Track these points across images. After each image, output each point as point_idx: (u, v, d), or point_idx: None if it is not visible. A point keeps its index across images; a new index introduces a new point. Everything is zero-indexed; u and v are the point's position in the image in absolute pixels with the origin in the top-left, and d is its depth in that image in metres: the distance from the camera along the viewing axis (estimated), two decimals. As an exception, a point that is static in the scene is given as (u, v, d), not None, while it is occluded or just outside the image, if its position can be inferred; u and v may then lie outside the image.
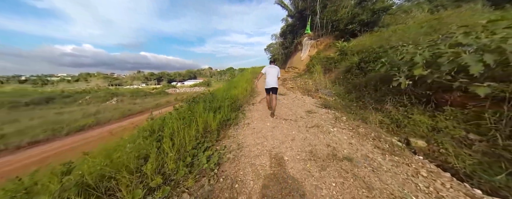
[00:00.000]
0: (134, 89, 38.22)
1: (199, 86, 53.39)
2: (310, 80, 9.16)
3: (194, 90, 46.62)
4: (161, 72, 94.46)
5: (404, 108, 3.11)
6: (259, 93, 6.55)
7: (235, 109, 4.06)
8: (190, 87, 54.27)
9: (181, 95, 35.87)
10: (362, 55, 5.12)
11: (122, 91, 32.18)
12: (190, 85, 59.67)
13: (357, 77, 5.17)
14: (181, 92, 42.98)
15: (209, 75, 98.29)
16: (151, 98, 30.15)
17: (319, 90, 6.44)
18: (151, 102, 24.96)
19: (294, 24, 21.53)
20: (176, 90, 47.04)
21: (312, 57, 11.62)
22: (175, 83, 75.50)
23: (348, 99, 4.71)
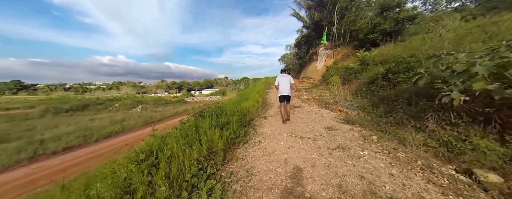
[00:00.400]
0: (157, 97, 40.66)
1: (215, 95, 55.08)
2: (327, 91, 8.50)
3: (211, 98, 48.04)
4: (181, 81, 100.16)
5: (453, 128, 2.43)
6: (272, 105, 6.13)
7: (245, 124, 3.69)
8: (207, 96, 56.16)
9: (198, 103, 37.03)
10: (389, 65, 4.48)
11: (146, 99, 34.30)
12: (207, 94, 61.84)
13: (384, 89, 4.49)
14: (198, 101, 44.47)
15: (225, 84, 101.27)
16: (171, 106, 31.52)
17: (338, 103, 5.80)
18: (171, 110, 25.98)
19: (309, 35, 21.22)
20: (194, 99, 48.92)
21: (329, 67, 10.98)
22: (193, 92, 79.01)
23: (374, 114, 4.04)
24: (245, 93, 7.77)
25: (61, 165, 7.54)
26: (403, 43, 7.77)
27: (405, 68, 4.02)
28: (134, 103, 28.09)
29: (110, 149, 9.87)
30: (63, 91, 63.76)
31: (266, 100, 7.21)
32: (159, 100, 33.09)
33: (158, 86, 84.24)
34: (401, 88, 3.95)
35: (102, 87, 78.37)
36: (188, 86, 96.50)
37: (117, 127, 13.91)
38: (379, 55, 6.88)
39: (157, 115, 21.38)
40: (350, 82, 7.34)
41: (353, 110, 4.85)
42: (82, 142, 11.33)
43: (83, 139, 11.62)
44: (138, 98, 35.25)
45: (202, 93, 71.72)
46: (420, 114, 3.09)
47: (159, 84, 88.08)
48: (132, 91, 67.72)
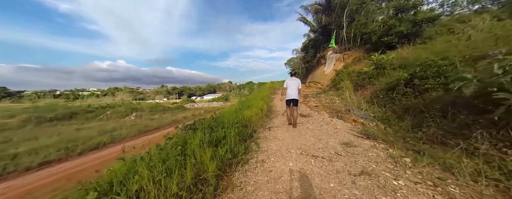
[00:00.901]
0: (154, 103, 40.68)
1: (217, 101, 54.91)
2: (337, 97, 8.05)
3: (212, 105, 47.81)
4: (183, 86, 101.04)
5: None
6: (277, 113, 5.71)
7: (246, 137, 3.27)
8: (208, 102, 56.05)
9: (198, 110, 36.77)
10: (414, 69, 4.06)
11: (142, 106, 34.24)
12: (208, 100, 61.82)
13: (408, 97, 4.03)
14: (199, 107, 44.29)
15: (228, 89, 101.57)
16: (169, 113, 31.31)
17: (351, 111, 5.35)
18: (168, 118, 25.69)
19: (316, 39, 21.14)
20: (194, 105, 48.81)
21: (339, 72, 10.60)
22: (194, 98, 79.23)
23: (398, 127, 3.57)
24: (248, 100, 7.40)
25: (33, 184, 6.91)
26: (423, 45, 7.39)
27: (435, 72, 3.60)
28: (128, 110, 27.99)
29: (95, 163, 9.39)
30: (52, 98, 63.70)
31: (270, 107, 6.81)
32: (156, 107, 33.00)
33: (157, 92, 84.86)
34: (431, 96, 3.50)
35: (96, 94, 78.91)
36: (189, 92, 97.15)
37: (105, 138, 13.56)
38: (397, 59, 6.48)
39: (153, 124, 21.08)
40: (364, 87, 6.90)
41: (370, 121, 4.38)
42: (62, 156, 10.62)
43: (64, 152, 10.89)
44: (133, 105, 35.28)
45: (204, 99, 71.82)
46: (462, 131, 2.63)
47: (159, 89, 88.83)
48: (128, 97, 67.98)
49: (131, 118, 26.06)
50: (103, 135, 15.32)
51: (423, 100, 3.59)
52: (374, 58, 6.71)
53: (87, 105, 36.77)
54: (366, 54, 10.74)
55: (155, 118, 25.66)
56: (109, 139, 13.98)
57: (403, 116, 3.79)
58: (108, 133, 16.46)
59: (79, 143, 12.56)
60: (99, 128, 18.38)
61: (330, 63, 14.15)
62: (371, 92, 6.05)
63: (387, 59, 6.39)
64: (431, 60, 3.77)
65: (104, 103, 41.49)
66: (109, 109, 32.44)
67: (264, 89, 12.78)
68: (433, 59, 3.70)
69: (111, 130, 17.84)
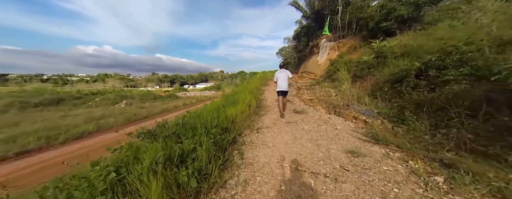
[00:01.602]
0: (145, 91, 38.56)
1: (209, 90, 53.19)
2: (332, 89, 7.33)
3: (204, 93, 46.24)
4: (174, 75, 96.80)
5: None
6: (268, 109, 4.88)
7: (227, 145, 2.44)
8: (200, 91, 54.24)
9: (190, 98, 35.36)
10: (429, 57, 3.27)
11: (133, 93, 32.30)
12: (201, 89, 59.84)
13: (420, 91, 3.30)
14: (191, 96, 42.72)
15: (221, 79, 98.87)
16: (160, 101, 29.81)
17: (351, 106, 4.64)
18: (159, 107, 24.40)
19: (309, 26, 19.75)
20: (186, 94, 47.05)
21: (334, 61, 9.76)
22: (186, 86, 76.48)
23: (411, 128, 2.89)
24: (235, 93, 6.43)
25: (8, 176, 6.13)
26: (423, 32, 6.61)
27: (458, 61, 2.84)
28: (118, 97, 26.19)
29: (77, 153, 8.46)
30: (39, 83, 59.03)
31: (261, 101, 5.96)
32: (147, 95, 31.25)
33: (149, 80, 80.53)
34: (452, 90, 2.77)
35: (86, 79, 73.61)
36: (181, 80, 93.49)
37: (91, 126, 12.40)
38: (398, 46, 5.68)
39: (143, 112, 19.82)
40: (363, 79, 6.16)
41: (374, 118, 3.69)
42: (44, 145, 9.80)
43: (45, 141, 10.07)
44: (124, 92, 33.15)
45: (196, 88, 69.57)
46: (504, 137, 1.94)
47: (150, 77, 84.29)
48: (119, 84, 64.05)
49: (121, 105, 24.46)
50: (89, 123, 14.08)
51: (442, 94, 2.86)
52: (375, 46, 5.87)
53: (76, 90, 34.15)
54: (363, 42, 9.88)
55: (145, 107, 24.26)
56: (95, 127, 12.82)
57: (415, 114, 3.08)
58: (95, 121, 15.20)
59: (63, 131, 11.53)
60: (86, 116, 16.99)
61: (323, 52, 13.21)
62: (372, 83, 5.32)
63: (389, 47, 5.57)
64: (452, 45, 2.98)
65: (95, 90, 38.91)
66: (100, 95, 30.35)
67: (254, 80, 11.56)
68: (455, 44, 2.90)
69: (99, 117, 16.51)
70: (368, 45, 9.03)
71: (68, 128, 12.19)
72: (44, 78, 70.91)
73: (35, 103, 20.46)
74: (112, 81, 65.58)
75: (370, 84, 5.43)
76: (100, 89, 39.00)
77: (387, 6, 8.25)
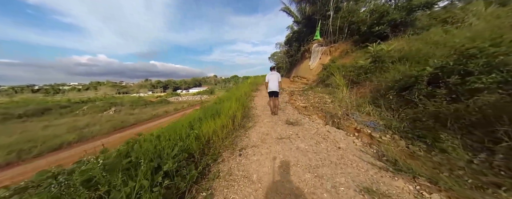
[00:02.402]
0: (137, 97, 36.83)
1: (202, 94, 51.82)
2: (327, 95, 6.76)
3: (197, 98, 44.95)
4: (167, 80, 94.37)
5: None
6: (258, 120, 4.16)
7: (189, 184, 1.68)
8: (193, 95, 52.80)
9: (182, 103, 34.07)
10: (446, 60, 2.70)
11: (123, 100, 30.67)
12: (194, 93, 58.33)
13: (438, 101, 2.69)
14: (183, 101, 41.37)
15: (214, 83, 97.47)
16: (151, 107, 28.41)
17: (351, 116, 4.02)
18: (148, 113, 23.11)
19: (300, 31, 19.52)
20: (178, 99, 45.58)
21: (326, 66, 9.29)
22: (179, 91, 74.57)
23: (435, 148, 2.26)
24: (220, 100, 5.64)
25: None
26: (416, 36, 6.25)
27: (485, 65, 2.28)
28: (107, 105, 24.61)
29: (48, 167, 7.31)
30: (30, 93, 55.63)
31: (250, 109, 5.24)
32: (138, 101, 29.71)
33: (141, 86, 77.59)
34: (487, 100, 2.18)
35: (78, 88, 69.90)
36: (174, 85, 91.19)
37: (72, 136, 11.18)
38: (396, 50, 5.21)
39: (131, 119, 18.53)
40: (359, 84, 5.63)
41: (380, 132, 3.07)
42: (14, 160, 8.62)
43: (17, 155, 8.87)
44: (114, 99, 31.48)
45: (189, 92, 67.92)
46: None
47: (143, 83, 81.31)
48: (111, 91, 61.17)
49: (110, 113, 22.93)
50: (71, 132, 12.77)
51: (470, 106, 2.26)
52: (371, 50, 5.37)
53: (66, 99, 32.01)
54: (354, 47, 9.52)
55: (134, 113, 22.87)
56: (77, 137, 11.56)
57: (434, 128, 2.47)
58: (78, 130, 13.85)
59: (39, 143, 10.31)
60: (70, 125, 15.57)
61: (315, 57, 12.80)
62: (371, 90, 4.76)
63: (386, 51, 5.08)
64: (475, 47, 2.43)
65: (85, 97, 37.16)
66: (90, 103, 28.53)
67: (244, 85, 10.56)
68: (482, 45, 2.36)
69: (83, 126, 15.14)
70: (361, 49, 8.66)
71: (46, 140, 10.94)
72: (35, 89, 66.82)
73: (19, 114, 18.83)
74: (104, 88, 62.53)
75: (369, 91, 4.87)
76: (90, 97, 37.13)
77: (380, 9, 7.93)
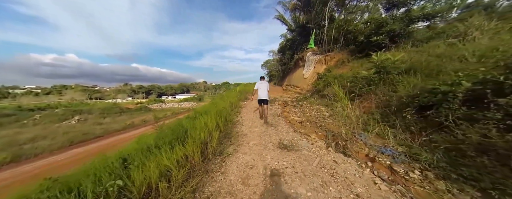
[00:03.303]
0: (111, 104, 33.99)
1: (189, 101, 49.58)
2: (324, 108, 6.17)
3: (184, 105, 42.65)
4: (151, 85, 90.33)
5: None
6: (242, 141, 3.33)
7: None
8: (179, 102, 50.32)
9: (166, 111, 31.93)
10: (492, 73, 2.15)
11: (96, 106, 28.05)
12: (180, 100, 55.78)
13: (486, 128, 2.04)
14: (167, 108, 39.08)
15: (203, 89, 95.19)
16: (127, 115, 26.15)
17: (358, 137, 3.34)
18: (122, 122, 21.03)
19: (294, 39, 19.64)
20: (162, 106, 43.08)
21: (322, 75, 8.88)
22: (164, 97, 71.18)
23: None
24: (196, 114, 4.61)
25: None
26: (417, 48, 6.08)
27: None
28: (69, 113, 22.10)
29: None
30: None
31: (235, 124, 4.39)
32: (111, 108, 27.32)
33: (119, 91, 72.67)
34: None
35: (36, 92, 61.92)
36: (159, 91, 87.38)
37: (4, 155, 9.21)
38: (403, 61, 4.82)
39: (97, 130, 16.50)
40: (361, 97, 5.10)
41: (403, 164, 2.38)
42: None
43: None
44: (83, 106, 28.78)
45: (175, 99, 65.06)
46: None
47: (121, 88, 76.43)
48: (81, 96, 56.00)
49: (72, 122, 20.44)
50: (5, 150, 10.65)
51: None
52: (375, 59, 4.94)
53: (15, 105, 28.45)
54: (351, 56, 9.32)
55: (104, 123, 20.66)
56: (9, 157, 9.57)
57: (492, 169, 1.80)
58: (17, 146, 11.71)
59: None
60: (8, 139, 13.20)
61: (309, 66, 12.53)
62: (376, 105, 4.19)
63: (392, 61, 4.66)
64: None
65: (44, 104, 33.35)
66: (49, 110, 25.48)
67: (232, 94, 9.31)
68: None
69: (27, 141, 12.93)
70: (358, 60, 8.42)
71: None
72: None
73: None
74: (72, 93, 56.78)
75: (374, 106, 4.30)
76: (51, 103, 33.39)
77: (378, 19, 7.86)
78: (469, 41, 5.16)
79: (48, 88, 64.68)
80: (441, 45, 5.47)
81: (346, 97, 4.73)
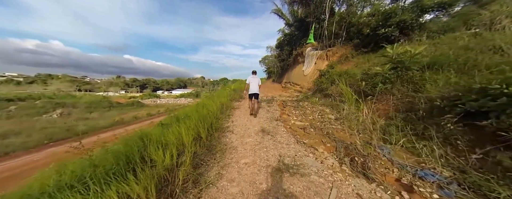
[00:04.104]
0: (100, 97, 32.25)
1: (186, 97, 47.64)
2: (328, 109, 5.39)
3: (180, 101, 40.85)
4: (146, 79, 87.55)
5: None
6: (231, 156, 2.50)
7: None
8: (176, 97, 48.45)
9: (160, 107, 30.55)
10: None
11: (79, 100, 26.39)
12: (176, 95, 53.86)
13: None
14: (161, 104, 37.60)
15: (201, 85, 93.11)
16: (117, 110, 24.77)
17: (379, 151, 2.57)
18: (111, 118, 19.77)
19: (292, 34, 18.63)
20: (156, 101, 41.37)
21: (324, 72, 8.08)
22: (160, 92, 69.04)
23: None
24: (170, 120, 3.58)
25: None
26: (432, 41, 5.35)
27: None
28: (51, 105, 20.58)
29: None
30: None
31: (223, 133, 3.53)
32: (100, 102, 25.82)
33: (112, 83, 69.88)
34: None
35: (17, 80, 57.67)
36: (154, 85, 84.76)
37: None
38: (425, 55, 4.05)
39: (80, 126, 15.29)
40: (374, 98, 4.32)
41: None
42: None
43: None
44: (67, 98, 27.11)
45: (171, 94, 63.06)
46: None
47: (114, 80, 73.57)
48: (69, 87, 53.01)
49: (53, 116, 18.98)
50: None
51: None
52: (390, 52, 4.14)
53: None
54: (355, 51, 8.53)
55: (90, 118, 19.36)
56: None
57: None
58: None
59: None
60: None
61: (309, 62, 11.70)
62: (395, 107, 3.43)
63: (412, 54, 3.87)
64: None
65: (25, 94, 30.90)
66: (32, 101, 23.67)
67: (222, 94, 7.64)
68: None
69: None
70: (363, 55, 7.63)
71: None
72: None
73: None
74: (58, 83, 53.42)
75: (392, 108, 3.54)
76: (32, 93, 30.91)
77: (386, 10, 7.04)
78: (497, 30, 4.45)
79: (32, 76, 60.40)
80: (462, 36, 4.74)
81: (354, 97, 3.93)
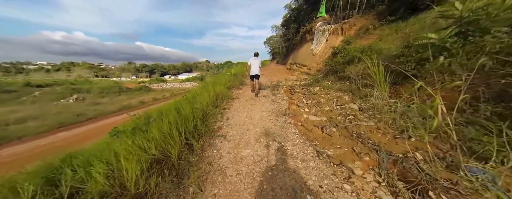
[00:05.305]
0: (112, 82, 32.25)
1: (191, 81, 47.21)
2: (346, 95, 4.09)
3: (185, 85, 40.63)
4: (154, 64, 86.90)
5: None
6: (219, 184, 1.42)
7: None
8: (181, 82, 48.12)
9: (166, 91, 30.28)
10: None
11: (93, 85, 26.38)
12: (182, 80, 53.42)
13: None
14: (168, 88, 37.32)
15: (206, 69, 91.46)
16: (126, 95, 24.65)
17: (469, 175, 1.37)
18: (119, 103, 19.60)
19: (300, 8, 15.99)
20: (163, 86, 41.17)
21: (339, 49, 6.45)
22: (167, 77, 68.84)
23: None
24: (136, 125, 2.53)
25: None
26: None
27: None
28: (68, 91, 20.63)
29: None
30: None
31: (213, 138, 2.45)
32: (110, 87, 25.66)
33: (124, 69, 70.18)
34: None
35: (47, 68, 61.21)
36: (162, 70, 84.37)
37: None
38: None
39: (91, 112, 15.15)
40: (412, 80, 2.92)
41: None
42: None
43: None
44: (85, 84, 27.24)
45: (178, 78, 62.74)
46: None
47: (126, 66, 73.61)
48: (88, 73, 54.46)
49: (70, 101, 19.16)
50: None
51: None
52: (458, 8, 2.57)
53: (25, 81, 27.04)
54: (379, 21, 6.67)
55: (101, 103, 19.29)
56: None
57: None
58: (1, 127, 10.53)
59: None
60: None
61: (320, 39, 9.82)
62: (473, 95, 2.08)
63: (501, 4, 2.30)
64: None
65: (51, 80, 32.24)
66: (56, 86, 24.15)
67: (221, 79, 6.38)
68: None
69: (14, 121, 11.69)
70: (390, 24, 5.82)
71: None
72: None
73: None
74: (79, 70, 55.24)
75: (467, 97, 2.20)
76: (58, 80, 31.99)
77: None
78: None
79: (58, 65, 63.63)
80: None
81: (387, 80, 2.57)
